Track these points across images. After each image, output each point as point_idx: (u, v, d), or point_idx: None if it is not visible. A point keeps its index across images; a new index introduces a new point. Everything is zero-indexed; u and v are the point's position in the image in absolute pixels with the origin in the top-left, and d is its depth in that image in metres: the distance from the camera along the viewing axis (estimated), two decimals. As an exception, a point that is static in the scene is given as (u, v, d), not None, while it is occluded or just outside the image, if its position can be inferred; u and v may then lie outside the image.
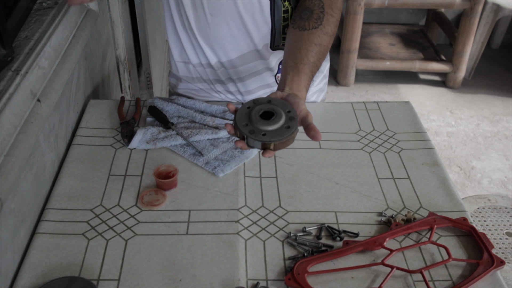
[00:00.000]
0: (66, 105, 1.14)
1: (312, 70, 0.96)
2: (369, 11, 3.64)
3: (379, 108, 1.27)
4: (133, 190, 0.99)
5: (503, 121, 3.00)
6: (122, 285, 0.80)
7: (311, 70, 0.96)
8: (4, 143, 0.79)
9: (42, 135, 0.97)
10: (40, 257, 0.84)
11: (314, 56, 0.97)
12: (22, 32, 1.02)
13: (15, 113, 0.84)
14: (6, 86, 0.85)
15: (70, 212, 0.93)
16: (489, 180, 2.54)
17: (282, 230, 0.92)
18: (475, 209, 2.06)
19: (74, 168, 1.04)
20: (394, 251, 0.86)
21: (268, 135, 0.80)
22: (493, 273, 0.83)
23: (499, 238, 1.92)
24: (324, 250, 0.87)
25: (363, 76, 3.38)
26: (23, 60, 0.93)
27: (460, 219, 0.93)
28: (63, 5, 1.17)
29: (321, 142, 1.14)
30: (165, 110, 1.18)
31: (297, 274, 0.81)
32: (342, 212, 0.96)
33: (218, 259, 0.85)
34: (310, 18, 0.99)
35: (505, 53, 3.72)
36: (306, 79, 0.94)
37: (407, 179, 1.04)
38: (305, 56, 0.96)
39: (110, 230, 0.90)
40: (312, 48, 0.97)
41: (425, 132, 1.19)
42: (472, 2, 2.96)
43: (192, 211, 0.95)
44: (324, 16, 0.98)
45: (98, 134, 1.14)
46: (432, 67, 3.22)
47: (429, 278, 0.83)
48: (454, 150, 2.75)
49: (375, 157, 1.10)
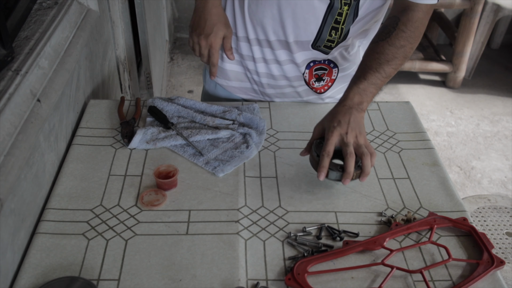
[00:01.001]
0: (66, 105, 1.14)
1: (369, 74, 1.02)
2: (369, 11, 3.64)
3: (379, 108, 1.27)
4: (133, 190, 0.99)
5: (503, 121, 3.00)
6: (122, 285, 0.80)
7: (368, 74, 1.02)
8: (4, 143, 0.79)
9: (42, 135, 0.97)
10: (40, 257, 0.84)
11: (372, 62, 1.03)
12: (22, 32, 1.02)
13: (15, 113, 0.84)
14: (6, 86, 0.85)
15: (70, 212, 0.93)
16: (489, 180, 2.54)
17: (282, 230, 0.92)
18: (475, 209, 2.06)
19: (74, 168, 1.04)
20: (394, 251, 0.86)
21: None
22: (493, 273, 0.83)
23: (499, 238, 1.92)
24: (324, 250, 0.87)
25: (363, 76, 3.38)
26: (23, 60, 0.93)
27: (460, 219, 0.93)
28: (63, 5, 1.17)
29: (321, 142, 1.14)
30: (165, 110, 1.18)
31: (297, 274, 0.81)
32: (342, 212, 0.96)
33: (218, 259, 0.85)
34: (381, 33, 1.05)
35: (505, 53, 3.72)
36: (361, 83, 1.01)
37: (407, 179, 1.04)
38: (363, 63, 1.05)
39: (110, 230, 0.90)
40: (372, 55, 1.04)
41: (425, 132, 1.19)
42: (472, 2, 2.95)
43: (192, 211, 0.95)
44: (394, 31, 1.03)
45: (98, 134, 1.14)
46: (432, 67, 3.22)
47: (429, 278, 0.83)
48: (454, 150, 2.75)
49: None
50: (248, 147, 1.10)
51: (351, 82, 1.04)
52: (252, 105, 1.23)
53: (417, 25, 1.04)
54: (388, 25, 1.05)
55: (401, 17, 1.04)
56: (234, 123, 1.16)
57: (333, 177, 0.94)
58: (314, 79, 1.23)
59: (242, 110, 1.20)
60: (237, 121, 1.16)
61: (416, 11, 1.03)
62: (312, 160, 0.98)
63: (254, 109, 1.22)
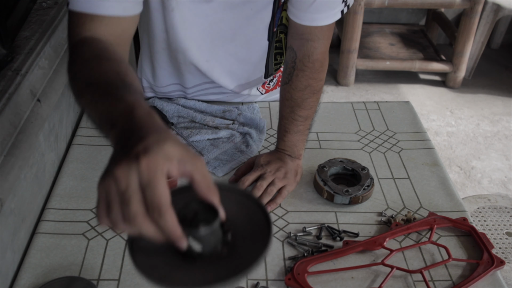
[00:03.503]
0: (66, 105, 1.14)
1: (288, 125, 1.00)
2: (369, 11, 3.64)
3: (379, 108, 1.27)
4: (133, 190, 0.99)
5: (503, 121, 3.00)
6: (122, 285, 0.80)
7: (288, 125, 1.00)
8: (4, 143, 0.79)
9: (42, 135, 0.97)
10: (40, 257, 0.84)
11: (286, 110, 1.00)
12: (22, 32, 1.02)
13: (15, 113, 0.84)
14: (6, 86, 0.85)
15: (70, 212, 0.93)
16: (489, 180, 2.54)
17: (282, 230, 0.92)
18: (475, 209, 2.06)
19: (74, 168, 1.04)
20: (394, 251, 0.86)
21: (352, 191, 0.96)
22: (493, 273, 0.83)
23: (499, 238, 1.92)
24: (324, 250, 0.87)
25: (363, 76, 3.38)
26: (23, 60, 0.93)
27: (460, 219, 0.93)
28: (63, 5, 1.17)
29: (321, 142, 1.14)
30: (165, 110, 1.18)
31: (297, 274, 0.81)
32: (342, 212, 0.96)
33: (218, 259, 0.85)
34: (284, 72, 1.00)
35: (505, 53, 3.72)
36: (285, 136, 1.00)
37: (407, 179, 1.04)
38: (280, 113, 1.02)
39: (110, 230, 0.90)
40: (283, 103, 1.01)
41: (425, 132, 1.19)
42: (472, 2, 2.95)
43: (192, 211, 0.94)
44: (294, 71, 0.96)
45: (98, 134, 1.13)
46: (432, 67, 3.22)
47: (429, 278, 0.83)
48: (454, 150, 2.75)
49: (375, 157, 1.10)
50: (248, 146, 1.09)
51: (278, 133, 1.03)
52: (252, 105, 1.23)
53: (316, 57, 0.93)
54: (288, 62, 0.97)
55: (298, 52, 0.94)
56: (234, 123, 1.15)
57: (339, 201, 0.96)
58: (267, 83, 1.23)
59: (242, 110, 1.19)
60: (237, 121, 1.16)
61: (312, 40, 0.92)
62: (316, 184, 1.00)
63: (254, 109, 1.22)
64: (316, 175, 1.00)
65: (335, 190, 0.96)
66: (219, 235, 0.52)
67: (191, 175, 0.50)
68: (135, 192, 0.47)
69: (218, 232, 0.52)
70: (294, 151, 1.00)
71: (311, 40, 0.92)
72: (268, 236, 0.52)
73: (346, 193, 0.96)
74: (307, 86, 0.96)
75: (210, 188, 0.50)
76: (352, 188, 0.97)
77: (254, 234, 0.53)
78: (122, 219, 0.48)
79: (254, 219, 0.55)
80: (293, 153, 1.00)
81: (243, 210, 0.56)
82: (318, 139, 1.15)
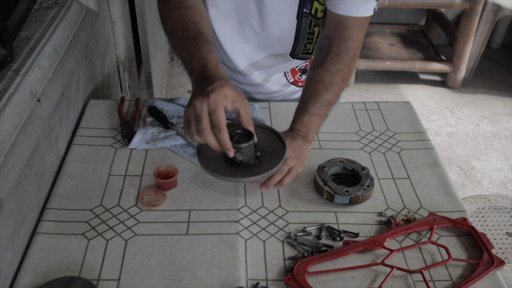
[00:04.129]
0: (66, 105, 1.14)
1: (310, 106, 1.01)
2: (369, 11, 3.64)
3: (379, 108, 1.27)
4: (133, 190, 0.99)
5: (503, 121, 3.00)
6: (122, 285, 0.80)
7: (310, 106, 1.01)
8: (4, 143, 0.79)
9: (42, 135, 0.97)
10: (40, 257, 0.84)
11: (312, 92, 1.01)
12: (22, 32, 1.02)
13: (15, 113, 0.84)
14: (6, 86, 0.85)
15: (70, 212, 0.93)
16: (489, 180, 2.54)
17: (282, 230, 0.92)
18: (475, 209, 2.06)
19: (74, 168, 1.04)
20: (394, 251, 0.86)
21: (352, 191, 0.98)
22: (493, 273, 0.83)
23: (499, 238, 1.92)
24: (324, 250, 0.87)
25: (363, 76, 3.38)
26: (23, 60, 0.93)
27: (460, 219, 0.93)
28: (63, 5, 1.17)
29: (321, 142, 1.14)
30: (165, 110, 1.18)
31: (297, 274, 0.81)
32: (342, 212, 0.96)
33: (218, 259, 0.85)
34: (317, 58, 1.02)
35: (505, 53, 3.72)
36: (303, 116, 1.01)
37: (407, 179, 1.04)
38: (304, 93, 1.03)
39: (110, 230, 0.90)
40: (311, 85, 1.02)
41: (425, 132, 1.19)
42: (472, 2, 2.95)
43: (192, 211, 0.94)
44: (328, 55, 0.99)
45: (98, 134, 1.14)
46: (432, 67, 3.22)
47: (429, 278, 0.83)
48: (454, 150, 2.75)
49: (375, 157, 1.10)
50: (248, 147, 1.10)
51: (296, 113, 1.03)
52: (252, 105, 1.23)
53: (351, 44, 0.98)
54: (322, 48, 1.01)
55: (334, 38, 0.98)
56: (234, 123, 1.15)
57: (339, 201, 0.96)
58: (298, 74, 1.24)
59: (242, 110, 1.19)
60: (237, 121, 1.16)
61: (348, 28, 0.97)
62: (316, 184, 1.00)
63: (254, 109, 1.22)
64: (316, 175, 1.00)
65: (335, 190, 0.96)
66: (253, 151, 0.87)
67: (238, 111, 0.81)
68: (205, 115, 0.78)
69: (252, 149, 0.87)
70: (309, 133, 1.01)
71: (347, 29, 0.97)
72: (283, 155, 0.88)
73: (346, 193, 0.96)
74: (339, 70, 0.99)
75: (249, 121, 0.83)
76: (352, 188, 0.97)
77: (274, 153, 0.90)
78: (196, 132, 0.79)
79: (275, 143, 0.92)
80: (307, 135, 1.01)
81: (268, 138, 0.93)
82: (318, 139, 1.15)
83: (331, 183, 0.97)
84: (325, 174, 0.99)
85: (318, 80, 1.00)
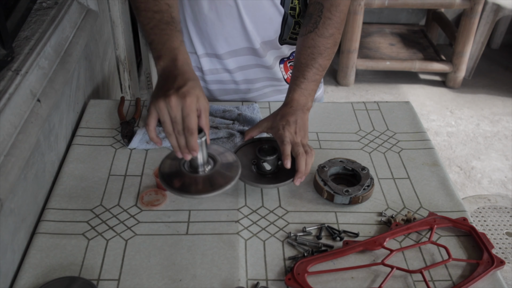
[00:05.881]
0: (66, 105, 1.14)
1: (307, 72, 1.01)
2: (369, 11, 3.64)
3: (379, 108, 1.27)
4: (133, 190, 0.99)
5: (503, 121, 3.00)
6: (122, 285, 0.80)
7: (306, 72, 1.01)
8: (4, 143, 0.79)
9: (42, 135, 0.97)
10: (40, 257, 0.84)
11: (307, 58, 1.02)
12: (22, 32, 1.02)
13: (15, 113, 0.85)
14: (6, 86, 0.85)
15: (70, 212, 0.93)
16: (489, 180, 2.54)
17: (282, 230, 0.92)
18: (475, 209, 2.06)
19: (74, 168, 1.04)
20: (394, 251, 0.86)
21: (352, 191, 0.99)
22: (493, 273, 0.83)
23: (499, 238, 1.92)
24: (324, 250, 0.87)
25: (363, 76, 3.38)
26: (23, 60, 0.93)
27: (460, 219, 0.93)
28: (63, 5, 1.17)
29: (321, 142, 1.14)
30: (165, 110, 1.18)
31: (297, 274, 0.81)
32: (342, 212, 0.96)
33: (218, 259, 0.85)
34: (308, 23, 1.03)
35: (505, 53, 3.72)
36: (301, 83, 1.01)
37: (407, 179, 1.04)
38: (298, 60, 1.03)
39: (110, 230, 0.90)
40: (305, 51, 1.02)
41: (425, 132, 1.19)
42: (472, 2, 2.95)
43: (192, 211, 0.95)
44: (320, 19, 1.01)
45: (98, 134, 1.14)
46: (432, 67, 3.22)
47: (429, 278, 0.83)
48: (454, 150, 2.75)
49: (375, 157, 1.10)
50: (248, 147, 1.10)
51: (292, 82, 1.03)
52: (252, 105, 1.23)
53: (342, 8, 1.01)
54: (313, 14, 1.02)
55: (325, 3, 1.01)
56: (234, 123, 1.15)
57: (339, 201, 0.97)
58: (290, 70, 1.24)
59: (242, 110, 1.19)
60: (237, 121, 1.16)
61: None
62: (316, 184, 1.00)
63: (254, 109, 1.22)
64: (316, 175, 1.00)
65: (335, 190, 0.96)
66: (277, 163, 0.98)
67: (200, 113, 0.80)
68: (180, 118, 0.78)
69: (276, 161, 0.98)
70: (308, 101, 1.02)
71: None
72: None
73: (346, 193, 0.96)
74: (332, 34, 1.02)
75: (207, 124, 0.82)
76: (352, 188, 0.97)
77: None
78: (170, 132, 0.80)
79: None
80: (306, 103, 1.01)
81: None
82: (318, 139, 1.15)
83: (331, 183, 0.98)
84: (325, 174, 0.99)
85: (313, 46, 1.01)
